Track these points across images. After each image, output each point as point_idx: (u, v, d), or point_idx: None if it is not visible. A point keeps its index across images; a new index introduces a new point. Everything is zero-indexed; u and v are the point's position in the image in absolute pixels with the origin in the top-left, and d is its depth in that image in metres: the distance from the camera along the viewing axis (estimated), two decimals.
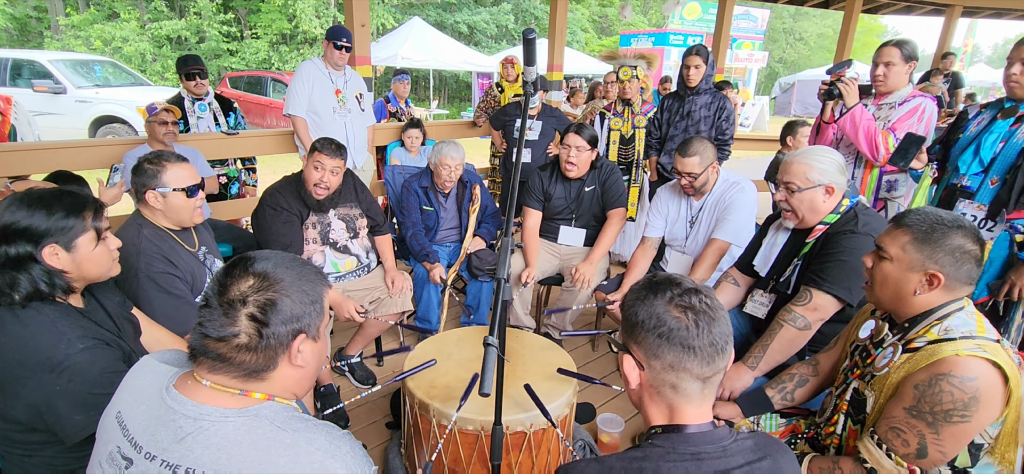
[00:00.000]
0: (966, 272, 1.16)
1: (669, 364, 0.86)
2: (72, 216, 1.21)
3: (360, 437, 2.16)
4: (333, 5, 16.81)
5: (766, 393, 1.59)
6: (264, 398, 0.84)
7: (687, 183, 2.38)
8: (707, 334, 0.85)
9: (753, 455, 0.86)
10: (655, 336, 0.86)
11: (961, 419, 1.07)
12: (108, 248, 1.30)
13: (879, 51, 2.46)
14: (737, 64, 15.40)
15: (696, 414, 0.88)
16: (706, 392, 0.88)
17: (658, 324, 0.86)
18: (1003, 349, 1.10)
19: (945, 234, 1.16)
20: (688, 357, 0.85)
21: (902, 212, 1.27)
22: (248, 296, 0.81)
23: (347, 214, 2.52)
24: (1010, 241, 2.02)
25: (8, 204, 1.18)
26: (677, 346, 0.85)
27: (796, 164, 1.78)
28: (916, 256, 1.18)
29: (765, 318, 1.93)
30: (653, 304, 0.88)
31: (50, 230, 1.18)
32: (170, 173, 1.69)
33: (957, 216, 1.20)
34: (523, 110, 1.21)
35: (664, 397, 0.89)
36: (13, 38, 15.64)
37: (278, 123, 9.95)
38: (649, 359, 0.88)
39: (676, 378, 0.87)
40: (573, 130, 2.65)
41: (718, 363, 0.86)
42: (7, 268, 1.14)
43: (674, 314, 0.86)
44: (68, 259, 1.20)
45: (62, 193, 1.24)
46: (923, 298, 1.19)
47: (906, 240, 1.21)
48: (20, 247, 1.15)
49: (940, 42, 7.62)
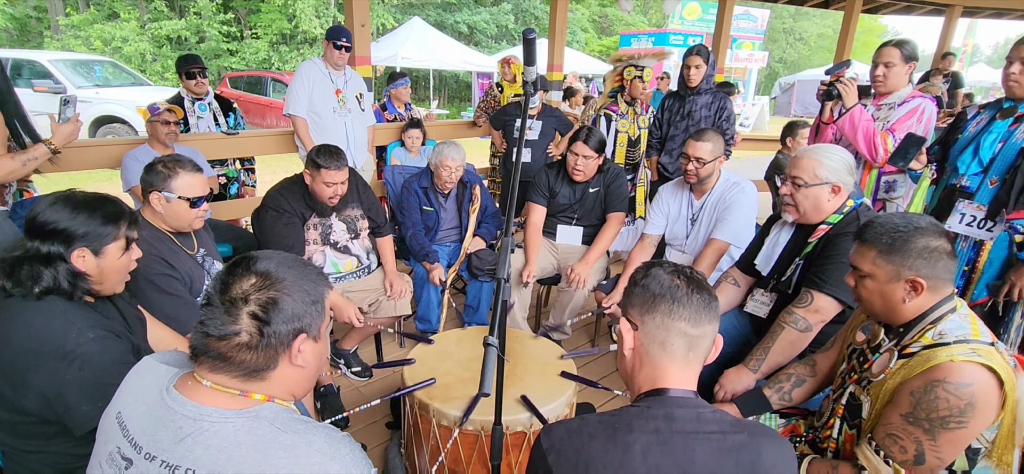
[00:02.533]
0: (943, 267, 1.16)
1: (661, 320, 0.94)
2: (110, 223, 1.24)
3: (360, 437, 2.16)
4: (333, 5, 16.81)
5: (764, 393, 1.59)
6: (264, 399, 0.84)
7: (693, 169, 2.36)
8: (697, 295, 0.94)
9: (730, 428, 0.88)
10: (650, 294, 0.96)
11: (957, 425, 1.07)
12: (131, 258, 1.32)
13: (879, 51, 2.46)
14: (737, 64, 15.40)
15: (679, 377, 0.93)
16: (691, 357, 0.94)
17: (655, 284, 0.96)
18: (998, 352, 1.09)
19: (907, 240, 1.17)
20: (678, 311, 0.93)
21: (861, 226, 1.28)
22: (250, 295, 0.81)
23: (349, 215, 2.52)
24: (1009, 241, 2.02)
25: (51, 202, 1.20)
26: (669, 300, 0.94)
27: (806, 159, 1.77)
28: (889, 268, 1.19)
29: (766, 318, 1.93)
30: (651, 271, 0.99)
31: (88, 235, 1.20)
32: (180, 181, 1.70)
33: (912, 217, 1.21)
34: (523, 110, 1.22)
35: (652, 358, 0.95)
36: (13, 38, 15.64)
37: (278, 123, 9.95)
38: (643, 316, 0.96)
39: (665, 333, 0.93)
40: (581, 138, 2.62)
41: (705, 325, 0.94)
42: (35, 262, 1.16)
43: (669, 277, 0.97)
44: (94, 263, 1.23)
45: (105, 200, 1.27)
46: (913, 304, 1.18)
47: (874, 254, 1.21)
48: (53, 246, 1.18)
49: (940, 42, 7.62)
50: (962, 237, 2.15)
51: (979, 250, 2.10)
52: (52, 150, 2.26)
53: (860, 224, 1.68)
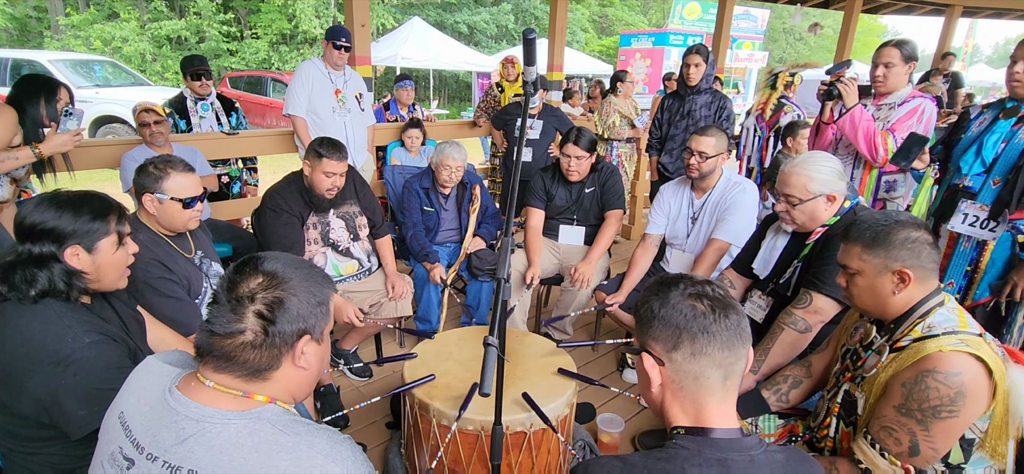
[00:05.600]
0: (927, 257, 1.20)
1: (690, 353, 0.84)
2: (98, 219, 1.23)
3: (360, 437, 2.16)
4: (333, 5, 16.81)
5: (762, 395, 1.59)
6: (266, 401, 0.84)
7: (695, 163, 2.36)
8: (724, 319, 0.84)
9: (782, 470, 0.83)
10: (673, 327, 0.85)
11: (949, 414, 1.09)
12: (127, 252, 1.32)
13: (879, 51, 2.45)
14: (737, 64, 15.40)
15: (720, 413, 0.86)
16: (728, 385, 0.86)
17: (675, 314, 0.85)
18: (986, 343, 1.12)
19: (888, 233, 1.21)
20: (709, 342, 0.84)
21: (845, 227, 1.32)
22: (256, 293, 0.82)
23: (347, 213, 2.51)
24: (1012, 241, 2.02)
25: (36, 204, 1.20)
26: (697, 333, 0.84)
27: (795, 176, 1.74)
28: (875, 261, 1.22)
29: (763, 321, 1.93)
30: (668, 296, 0.87)
31: (76, 232, 1.20)
32: (172, 181, 1.68)
33: (891, 213, 1.26)
34: (523, 110, 1.21)
35: (687, 393, 0.86)
36: (13, 38, 15.64)
37: (278, 123, 9.94)
38: (669, 352, 0.86)
39: (698, 367, 0.85)
40: (571, 140, 2.64)
41: (739, 349, 0.85)
42: (29, 265, 1.16)
43: (690, 303, 0.86)
44: (89, 260, 1.22)
45: (90, 197, 1.26)
46: (902, 297, 1.22)
47: (859, 250, 1.25)
48: (44, 246, 1.17)
49: (940, 42, 7.62)
50: (965, 237, 2.15)
51: (982, 250, 2.10)
52: (36, 155, 2.27)
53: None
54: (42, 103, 2.35)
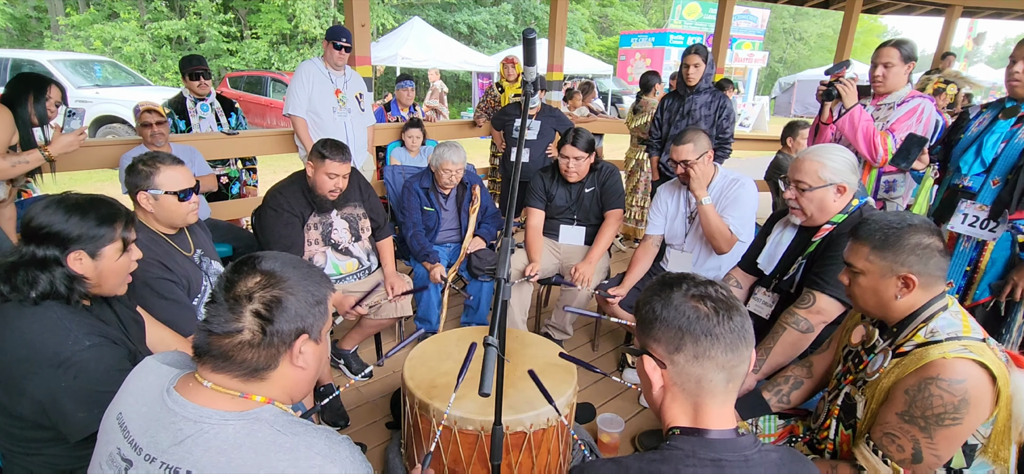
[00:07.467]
0: (935, 265, 1.17)
1: (693, 356, 0.83)
2: (104, 225, 1.22)
3: (360, 437, 2.16)
4: (333, 5, 16.81)
5: (762, 395, 1.59)
6: (264, 401, 0.84)
7: (682, 172, 2.37)
8: (727, 321, 0.83)
9: (776, 470, 0.83)
10: (675, 328, 0.84)
11: (952, 422, 1.07)
12: (131, 259, 1.31)
13: (878, 51, 2.45)
14: (737, 64, 15.40)
15: (719, 415, 0.85)
16: (730, 387, 0.85)
17: (678, 316, 0.84)
18: (989, 348, 1.10)
19: (899, 236, 1.18)
20: (712, 345, 0.82)
21: (856, 224, 1.29)
22: (254, 292, 0.82)
23: (351, 214, 2.51)
24: (1012, 241, 2.02)
25: (45, 205, 1.19)
26: (700, 335, 0.82)
27: (808, 162, 1.75)
28: (882, 263, 1.20)
29: (769, 318, 1.92)
30: (670, 298, 0.86)
31: (82, 237, 1.19)
32: (163, 175, 1.67)
33: (905, 215, 1.23)
34: (523, 110, 1.21)
35: (688, 394, 0.85)
36: (13, 38, 15.63)
37: (278, 123, 9.94)
38: (671, 354, 0.85)
39: (701, 369, 0.83)
40: (569, 141, 2.65)
41: (742, 351, 0.84)
42: (31, 267, 1.15)
43: (692, 304, 0.84)
44: (91, 266, 1.21)
45: (99, 202, 1.25)
46: (905, 301, 1.19)
47: (867, 251, 1.23)
48: (48, 250, 1.16)
49: (940, 42, 7.62)
50: (965, 237, 2.14)
51: (982, 250, 2.10)
52: (46, 157, 2.27)
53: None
54: (30, 101, 2.35)
